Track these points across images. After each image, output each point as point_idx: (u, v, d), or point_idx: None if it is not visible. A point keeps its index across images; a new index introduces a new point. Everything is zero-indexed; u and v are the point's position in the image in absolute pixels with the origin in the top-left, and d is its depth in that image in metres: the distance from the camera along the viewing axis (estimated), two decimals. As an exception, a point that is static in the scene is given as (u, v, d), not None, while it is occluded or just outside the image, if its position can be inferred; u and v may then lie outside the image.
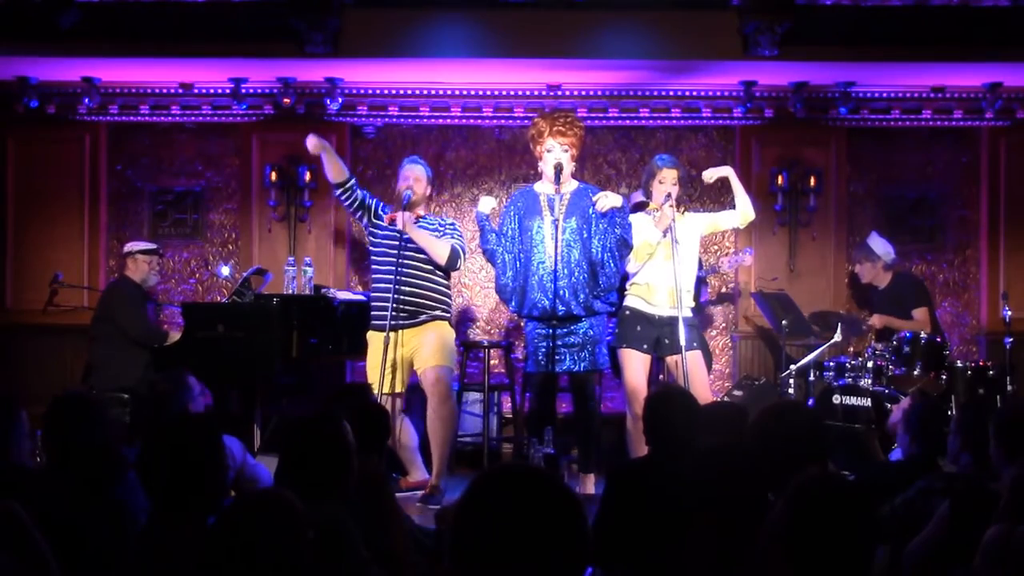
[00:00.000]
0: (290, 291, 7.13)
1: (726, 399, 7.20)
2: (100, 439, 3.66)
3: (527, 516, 1.80)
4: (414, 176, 6.35)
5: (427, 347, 6.15)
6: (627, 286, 6.25)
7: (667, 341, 6.02)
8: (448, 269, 6.29)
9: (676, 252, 5.95)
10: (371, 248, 6.40)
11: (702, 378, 6.15)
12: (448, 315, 6.36)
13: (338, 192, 6.47)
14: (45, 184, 8.19)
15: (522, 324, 6.40)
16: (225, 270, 7.73)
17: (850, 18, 7.20)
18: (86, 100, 7.85)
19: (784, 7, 7.08)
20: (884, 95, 8.01)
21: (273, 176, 8.04)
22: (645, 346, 6.10)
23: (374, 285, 6.32)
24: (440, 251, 6.20)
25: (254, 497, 2.64)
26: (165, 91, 8.03)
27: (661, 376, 6.58)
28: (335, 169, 6.44)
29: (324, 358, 6.95)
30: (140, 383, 6.63)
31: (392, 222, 6.22)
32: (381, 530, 3.47)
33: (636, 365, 6.10)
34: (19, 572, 2.76)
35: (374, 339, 6.22)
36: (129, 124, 8.22)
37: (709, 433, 3.75)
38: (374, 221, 6.36)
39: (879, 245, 7.55)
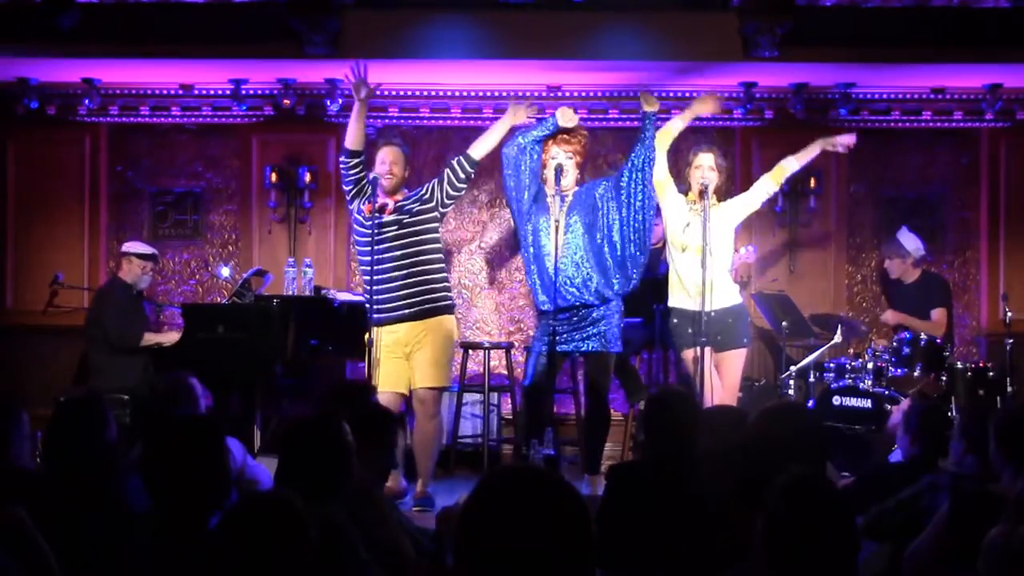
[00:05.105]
0: (290, 292, 7.13)
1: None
2: (103, 441, 3.66)
3: (534, 517, 1.79)
4: (391, 159, 6.07)
5: (422, 363, 5.98)
6: (668, 288, 6.17)
7: (720, 337, 5.90)
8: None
9: (708, 251, 5.82)
10: (355, 237, 6.15)
11: (732, 381, 6.05)
12: (450, 302, 6.15)
13: (349, 160, 6.11)
14: (45, 185, 8.19)
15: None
16: (225, 271, 7.73)
17: (850, 19, 7.19)
18: (86, 101, 7.85)
19: (784, 8, 7.08)
20: (884, 96, 8.00)
21: (273, 177, 8.04)
22: (703, 339, 5.93)
23: (364, 278, 6.04)
24: (486, 150, 6.17)
25: (258, 497, 2.65)
26: (165, 92, 8.02)
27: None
28: (357, 135, 6.09)
29: (324, 359, 6.94)
30: (140, 384, 6.63)
31: (371, 212, 5.90)
32: (383, 532, 3.47)
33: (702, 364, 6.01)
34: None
35: (377, 337, 5.95)
36: (129, 125, 8.22)
37: (710, 435, 3.76)
38: (361, 208, 6.05)
39: (909, 241, 7.53)
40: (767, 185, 6.26)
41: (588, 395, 6.13)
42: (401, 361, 6.02)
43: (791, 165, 6.28)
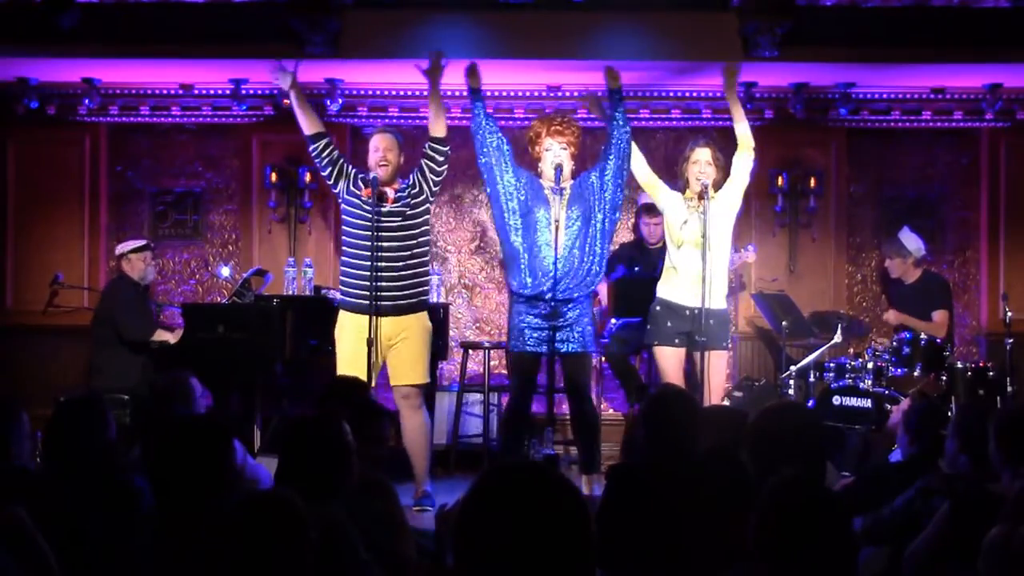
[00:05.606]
0: (290, 292, 7.14)
1: (726, 401, 7.19)
2: (103, 441, 3.66)
3: (533, 515, 1.78)
4: (384, 146, 6.04)
5: (401, 360, 5.96)
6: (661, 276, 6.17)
7: (698, 337, 5.86)
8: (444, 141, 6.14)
9: (708, 245, 5.82)
10: (345, 218, 6.09)
11: (717, 382, 6.05)
12: (426, 297, 6.15)
13: (316, 144, 6.09)
14: (45, 185, 8.19)
15: (510, 300, 6.28)
16: (225, 271, 7.73)
17: (850, 19, 7.19)
18: (86, 101, 7.85)
19: (784, 8, 7.07)
20: (884, 96, 8.01)
21: (273, 177, 8.04)
22: (677, 340, 5.96)
23: (347, 260, 6.00)
24: (442, 124, 6.12)
25: (258, 497, 2.65)
26: (165, 92, 8.02)
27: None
28: (308, 119, 6.09)
29: (324, 359, 6.94)
30: (140, 384, 6.63)
31: (370, 197, 5.89)
32: (386, 532, 3.47)
33: (670, 364, 6.00)
34: None
35: (349, 323, 5.94)
36: (129, 125, 8.22)
37: (709, 435, 3.76)
38: (352, 190, 6.02)
39: (910, 240, 7.53)
40: (743, 159, 6.16)
41: (572, 397, 6.09)
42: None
43: (743, 129, 6.17)
